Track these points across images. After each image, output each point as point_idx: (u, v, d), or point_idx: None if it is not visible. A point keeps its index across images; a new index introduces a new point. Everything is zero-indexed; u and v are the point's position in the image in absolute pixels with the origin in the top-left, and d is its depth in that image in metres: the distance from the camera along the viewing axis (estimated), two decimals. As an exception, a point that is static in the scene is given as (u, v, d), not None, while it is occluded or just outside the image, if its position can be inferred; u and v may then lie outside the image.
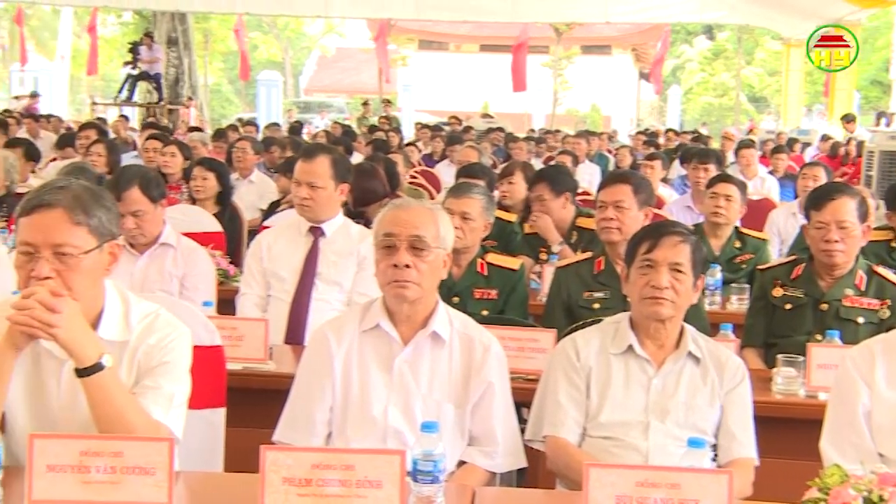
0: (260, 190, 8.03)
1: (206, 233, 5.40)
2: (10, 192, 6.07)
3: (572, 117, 35.43)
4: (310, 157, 4.28)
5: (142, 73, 20.48)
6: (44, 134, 13.39)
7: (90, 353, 2.31)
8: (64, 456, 2.07)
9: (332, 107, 34.39)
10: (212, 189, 6.31)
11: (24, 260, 2.35)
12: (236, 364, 3.46)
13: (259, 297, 4.31)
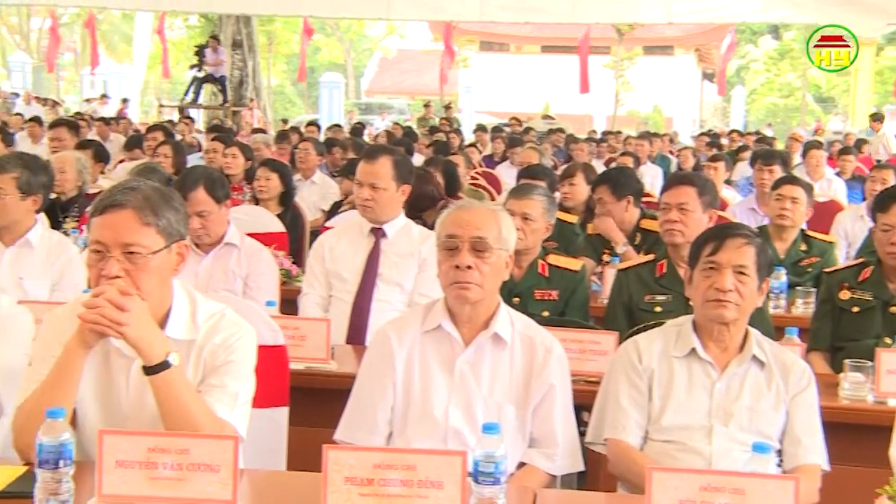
0: (322, 191, 8.10)
1: (269, 233, 5.46)
2: (82, 193, 6.20)
3: (634, 118, 35.17)
4: (372, 159, 4.30)
5: (207, 76, 20.74)
6: (113, 136, 13.62)
7: (157, 352, 2.35)
8: (132, 452, 2.10)
9: (392, 108, 34.54)
10: (275, 189, 6.38)
11: (95, 259, 2.40)
12: (299, 363, 3.49)
13: (321, 298, 4.34)
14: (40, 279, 4.16)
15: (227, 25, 23.60)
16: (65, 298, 3.70)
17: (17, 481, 2.23)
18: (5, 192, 4.17)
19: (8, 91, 25.36)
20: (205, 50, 20.61)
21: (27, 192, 4.22)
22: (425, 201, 5.42)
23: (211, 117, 21.26)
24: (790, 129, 22.35)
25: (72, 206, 6.05)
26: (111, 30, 36.67)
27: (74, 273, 4.20)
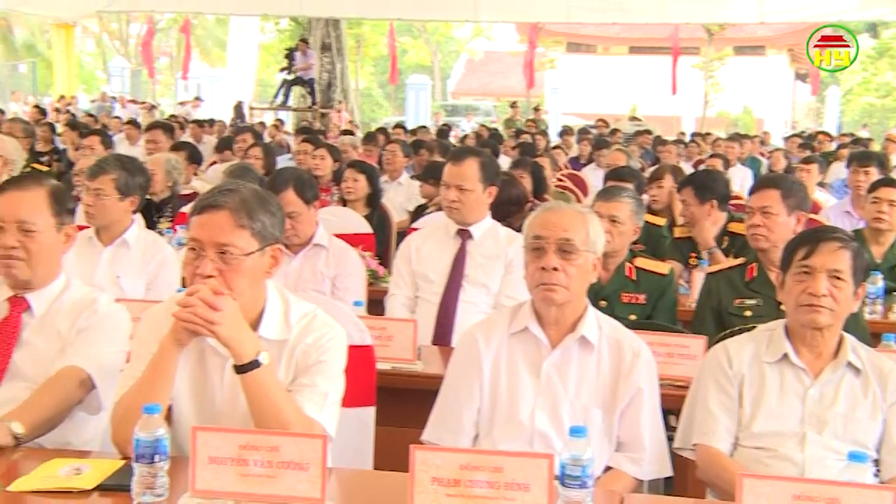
0: (408, 192, 8.14)
1: (356, 234, 5.51)
2: (175, 194, 6.33)
3: (723, 120, 34.60)
4: (458, 160, 4.31)
5: (296, 79, 21.02)
6: (206, 138, 13.90)
7: (248, 351, 2.39)
8: (225, 449, 2.14)
9: (478, 110, 34.56)
10: (362, 191, 6.44)
11: (191, 257, 2.45)
12: (385, 364, 3.51)
13: (407, 298, 4.37)
14: (136, 278, 4.26)
15: (316, 29, 23.89)
16: (160, 297, 3.79)
17: (116, 474, 2.30)
18: (104, 193, 4.29)
19: (108, 95, 26.07)
20: (294, 53, 20.89)
21: (125, 192, 4.34)
22: (511, 206, 5.41)
23: (300, 119, 21.55)
24: (887, 129, 21.72)
25: (165, 207, 6.18)
26: (205, 35, 37.45)
27: (169, 272, 4.30)
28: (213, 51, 37.47)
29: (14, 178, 3.02)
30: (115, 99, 24.41)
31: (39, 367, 2.76)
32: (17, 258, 2.79)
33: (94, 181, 4.32)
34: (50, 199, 2.87)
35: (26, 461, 2.43)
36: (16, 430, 2.52)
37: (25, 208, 2.82)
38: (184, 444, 2.35)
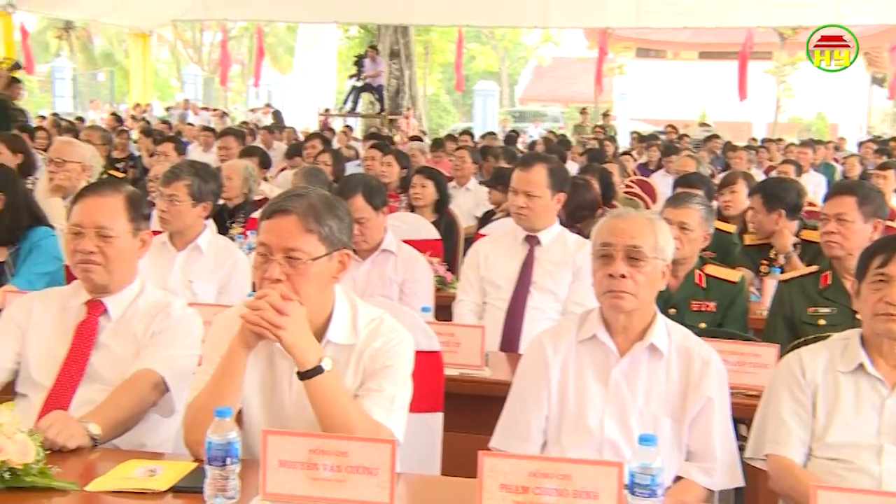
0: (476, 198, 8.15)
1: (424, 240, 5.53)
2: (248, 200, 6.43)
3: (796, 125, 34.03)
4: (527, 167, 4.31)
5: (365, 85, 21.19)
6: (276, 144, 14.06)
7: (311, 357, 2.41)
8: (294, 452, 2.16)
9: (546, 116, 34.46)
10: (430, 197, 6.47)
11: (260, 261, 2.48)
12: (453, 370, 3.52)
13: (475, 304, 4.37)
14: (208, 282, 4.33)
15: (385, 36, 24.08)
16: (231, 301, 3.84)
17: (189, 476, 2.33)
18: (178, 198, 4.37)
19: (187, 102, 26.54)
20: (364, 60, 21.07)
21: (198, 198, 4.42)
22: (583, 211, 5.38)
23: (368, 126, 21.71)
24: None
25: (238, 212, 6.28)
26: (276, 42, 37.94)
27: (240, 277, 4.36)
28: (283, 58, 37.92)
29: (92, 185, 3.08)
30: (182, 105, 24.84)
31: (115, 370, 2.82)
32: (95, 263, 2.85)
33: (169, 187, 4.41)
34: (127, 204, 2.92)
35: (103, 462, 2.48)
36: (93, 432, 2.58)
37: (103, 214, 2.87)
38: (254, 447, 2.37)
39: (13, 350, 2.89)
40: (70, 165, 5.95)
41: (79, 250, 2.84)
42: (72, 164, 5.97)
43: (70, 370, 2.83)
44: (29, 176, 6.26)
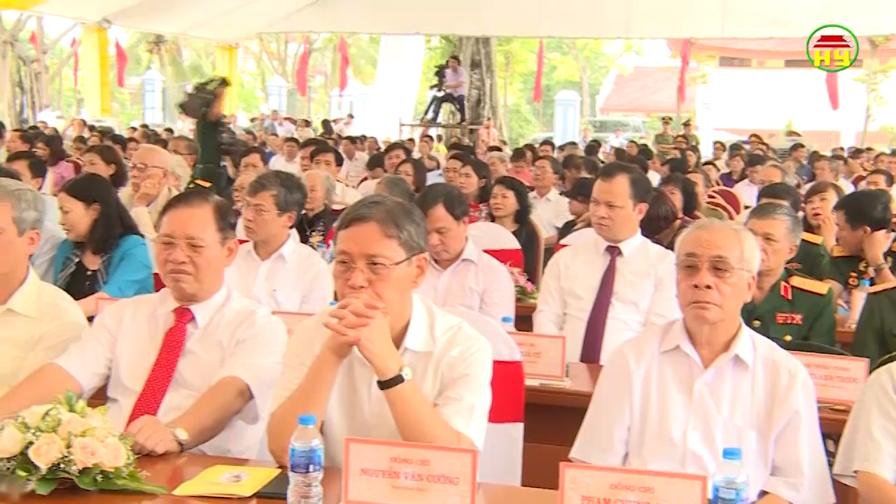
0: (557, 209, 8.12)
1: (505, 250, 5.52)
2: (328, 209, 6.51)
3: (886, 134, 33.20)
4: (609, 177, 4.28)
5: (446, 95, 21.28)
6: (358, 154, 14.20)
7: (391, 366, 2.43)
8: (376, 461, 2.17)
9: (628, 126, 34.19)
10: (511, 207, 6.47)
11: (341, 270, 2.51)
12: (534, 380, 3.52)
13: (556, 315, 4.35)
14: (292, 291, 4.39)
15: (466, 46, 24.17)
16: (313, 310, 3.90)
17: (273, 483, 2.36)
18: (264, 208, 4.45)
19: (266, 113, 26.99)
20: (445, 70, 21.16)
21: (283, 208, 4.49)
22: (659, 223, 5.33)
23: (449, 136, 21.80)
24: None
25: (318, 222, 6.36)
26: (358, 53, 38.34)
27: (323, 286, 4.42)
28: (365, 69, 38.32)
29: (181, 195, 3.15)
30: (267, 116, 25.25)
31: (202, 376, 2.88)
32: (186, 272, 2.91)
33: (255, 197, 4.48)
34: (215, 214, 2.98)
35: (189, 466, 2.53)
36: (180, 437, 2.63)
37: (193, 224, 2.93)
38: (336, 454, 2.39)
39: (105, 356, 2.96)
40: (152, 171, 6.12)
41: (170, 260, 2.91)
42: (154, 169, 6.14)
43: (158, 376, 2.89)
44: (121, 186, 6.43)
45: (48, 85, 23.84)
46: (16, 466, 2.22)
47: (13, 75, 21.79)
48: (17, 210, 3.13)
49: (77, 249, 4.56)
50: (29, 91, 21.84)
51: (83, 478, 2.24)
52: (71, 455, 2.22)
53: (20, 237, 3.14)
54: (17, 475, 2.22)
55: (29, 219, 3.16)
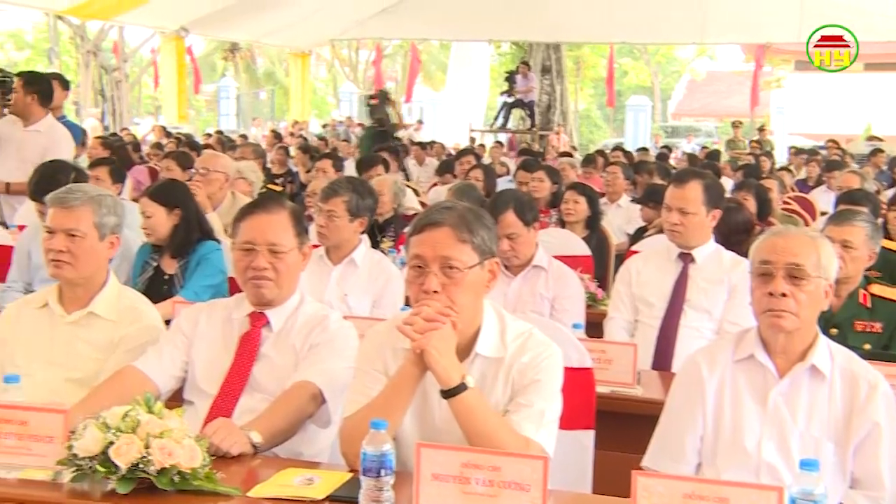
0: (628, 215, 8.06)
1: (575, 256, 5.50)
2: (398, 214, 6.54)
3: (973, 138, 32.25)
4: (681, 183, 4.24)
5: (517, 101, 21.25)
6: (428, 160, 14.26)
7: (453, 376, 2.44)
8: (447, 466, 2.18)
9: (700, 131, 33.79)
10: (582, 213, 6.44)
11: (414, 275, 2.54)
12: (604, 387, 3.50)
13: (627, 322, 4.33)
14: (363, 296, 4.43)
15: (537, 52, 24.10)
16: (384, 315, 3.92)
17: (344, 486, 2.38)
18: (336, 214, 4.49)
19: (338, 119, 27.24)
20: (515, 76, 21.14)
21: (355, 214, 4.53)
22: (738, 235, 5.23)
23: (519, 141, 21.75)
24: None
25: (388, 227, 6.40)
26: (429, 59, 38.47)
27: (394, 291, 4.45)
28: (436, 75, 38.44)
29: (257, 202, 3.20)
30: (341, 123, 25.46)
31: (276, 380, 2.92)
32: (268, 279, 2.95)
33: (327, 203, 4.53)
34: (292, 220, 3.02)
35: (263, 469, 2.56)
36: (254, 439, 2.66)
37: (273, 231, 2.98)
38: (407, 459, 2.41)
39: (181, 359, 3.02)
40: (214, 175, 6.22)
41: (252, 267, 2.95)
42: (216, 174, 6.25)
43: (233, 379, 2.94)
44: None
45: (128, 93, 24.36)
46: (97, 465, 2.28)
47: (96, 84, 22.33)
48: (98, 215, 3.21)
49: (155, 254, 4.66)
50: (110, 99, 22.36)
51: (161, 478, 2.28)
52: (149, 455, 2.27)
53: (101, 242, 3.21)
54: (98, 474, 2.28)
55: (109, 224, 3.23)
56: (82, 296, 3.20)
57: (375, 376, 2.61)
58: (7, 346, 3.17)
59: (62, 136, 6.77)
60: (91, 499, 2.29)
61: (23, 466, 2.39)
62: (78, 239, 3.15)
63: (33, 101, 6.68)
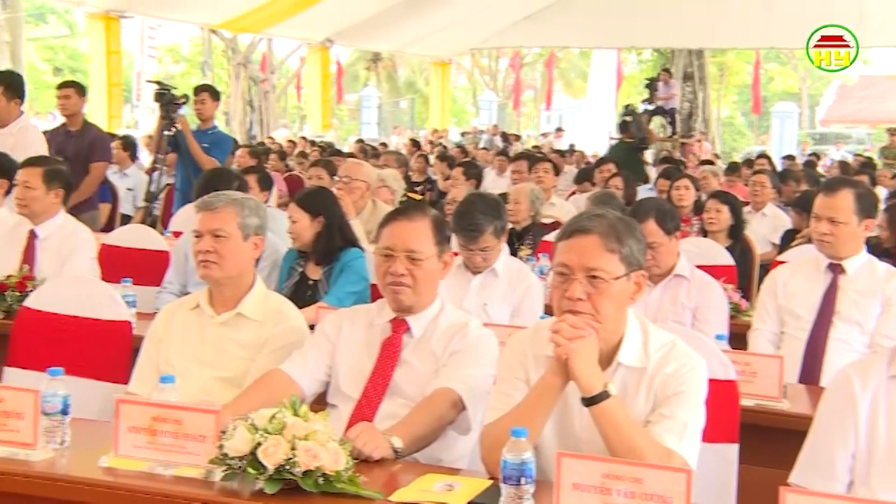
0: (773, 223, 7.86)
1: (718, 265, 5.40)
2: (535, 223, 6.54)
3: None
4: (831, 192, 4.11)
5: (657, 108, 20.97)
6: (567, 168, 14.19)
7: (596, 384, 2.43)
8: (588, 476, 2.16)
9: (850, 138, 32.60)
10: (724, 222, 6.32)
11: (559, 281, 2.54)
12: (749, 400, 3.42)
13: (773, 334, 4.22)
14: (502, 305, 4.44)
15: (679, 58, 23.74)
16: (523, 323, 3.92)
17: (484, 493, 2.40)
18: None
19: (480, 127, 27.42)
20: (656, 83, 20.86)
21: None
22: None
23: (659, 149, 21.44)
24: None
25: (527, 235, 6.41)
26: (569, 67, 38.32)
27: (533, 300, 4.45)
28: (575, 82, 38.25)
29: (400, 209, 3.25)
30: (482, 132, 25.60)
31: (416, 386, 2.96)
32: (405, 285, 2.99)
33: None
34: (433, 228, 3.06)
35: (404, 474, 2.60)
36: (396, 444, 2.70)
37: (413, 238, 3.02)
38: (546, 468, 2.41)
39: (325, 363, 3.09)
40: (356, 184, 6.35)
41: (390, 272, 3.00)
42: (358, 182, 6.37)
43: (375, 384, 3.00)
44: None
45: (275, 103, 25.15)
46: (246, 465, 2.35)
47: (244, 95, 23.14)
48: (241, 216, 3.32)
49: (301, 259, 4.79)
50: (258, 109, 23.14)
51: (306, 479, 2.33)
52: (295, 457, 2.33)
53: (245, 242, 3.32)
54: (247, 473, 2.35)
55: (252, 224, 3.35)
56: (230, 297, 3.31)
57: (517, 384, 2.62)
58: (162, 346, 3.31)
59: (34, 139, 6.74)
60: (240, 497, 2.36)
61: (177, 464, 2.49)
62: (223, 239, 3.27)
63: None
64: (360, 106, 33.03)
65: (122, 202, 8.84)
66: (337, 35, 20.36)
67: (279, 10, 17.52)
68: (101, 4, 15.19)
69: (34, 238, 4.92)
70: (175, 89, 8.54)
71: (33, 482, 2.50)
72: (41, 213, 4.91)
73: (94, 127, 7.94)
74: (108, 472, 2.52)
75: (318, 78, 21.07)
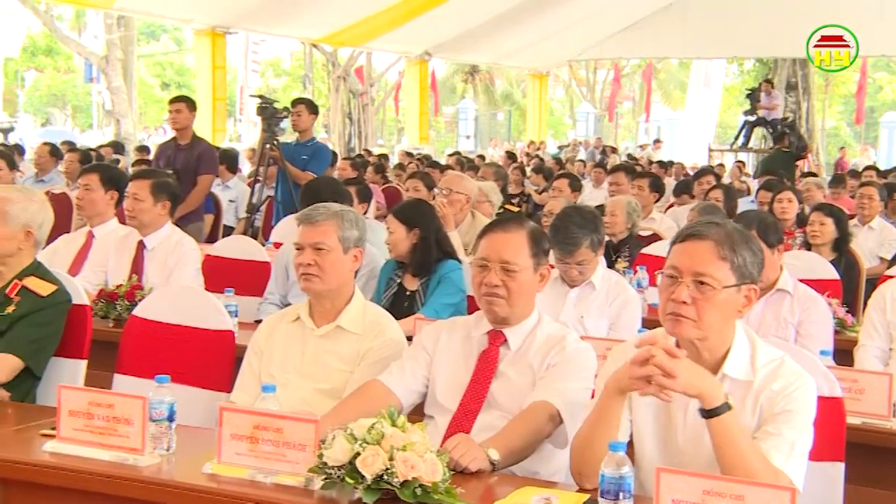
0: (881, 237, 7.65)
1: (822, 280, 5.28)
2: (632, 235, 6.48)
3: None
4: (944, 205, 3.98)
5: (759, 119, 20.58)
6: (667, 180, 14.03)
7: (716, 394, 2.38)
8: (688, 492, 2.13)
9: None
10: (829, 235, 6.18)
11: (667, 283, 2.52)
12: (855, 418, 3.32)
13: (881, 350, 4.16)
14: (599, 318, 4.41)
15: (782, 68, 23.29)
16: (621, 337, 3.89)
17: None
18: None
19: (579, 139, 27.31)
20: (758, 94, 20.48)
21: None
22: None
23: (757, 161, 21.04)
24: None
25: (623, 247, 6.34)
26: (667, 78, 37.89)
27: (631, 313, 4.41)
28: (674, 93, 37.80)
29: (497, 221, 3.25)
30: (581, 143, 25.49)
31: (513, 398, 2.95)
32: (500, 296, 2.99)
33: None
34: (530, 240, 3.06)
35: (500, 486, 2.60)
36: (493, 457, 2.70)
37: (508, 249, 3.02)
38: (647, 483, 2.38)
39: (422, 374, 3.11)
40: (456, 196, 6.38)
41: (485, 283, 3.01)
42: (458, 195, 6.41)
43: (472, 396, 3.00)
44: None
45: (373, 116, 25.46)
46: (345, 475, 2.37)
47: (344, 108, 23.50)
48: (342, 229, 3.35)
49: (399, 270, 4.84)
50: (357, 122, 23.47)
51: (404, 490, 2.35)
52: (393, 468, 2.34)
53: (345, 254, 3.35)
54: (346, 483, 2.38)
55: (352, 237, 3.38)
56: (330, 310, 3.35)
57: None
58: (264, 358, 3.37)
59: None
60: (339, 506, 2.40)
61: (277, 472, 2.53)
62: (324, 252, 3.31)
63: None
64: (457, 118, 33.21)
65: (224, 213, 9.05)
66: (435, 48, 20.53)
67: (378, 25, 17.77)
68: (207, 21, 15.62)
69: (143, 248, 5.08)
70: (277, 103, 8.72)
71: (141, 487, 2.57)
72: (149, 224, 5.07)
73: (202, 141, 8.18)
74: (211, 478, 2.57)
75: (416, 91, 21.28)
